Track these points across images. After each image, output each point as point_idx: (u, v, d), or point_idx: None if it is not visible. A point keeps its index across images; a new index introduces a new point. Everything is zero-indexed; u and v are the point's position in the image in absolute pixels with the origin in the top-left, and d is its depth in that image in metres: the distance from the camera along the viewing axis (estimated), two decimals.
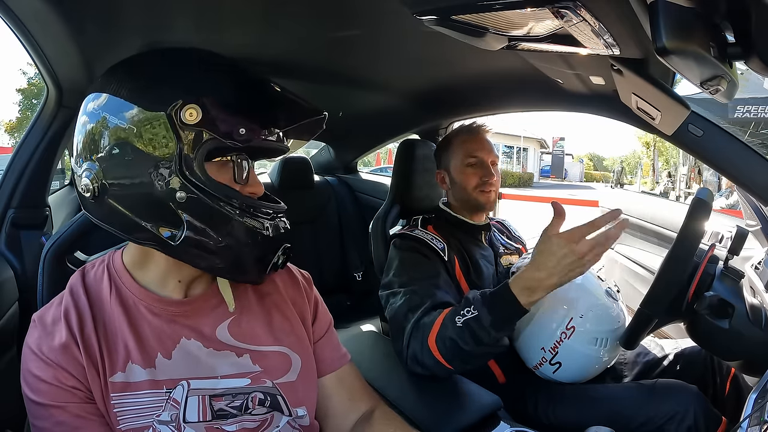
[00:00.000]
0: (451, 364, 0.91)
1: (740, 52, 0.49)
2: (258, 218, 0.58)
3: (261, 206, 0.59)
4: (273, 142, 0.60)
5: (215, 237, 0.55)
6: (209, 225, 0.55)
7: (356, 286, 2.00)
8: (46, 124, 1.17)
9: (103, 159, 0.54)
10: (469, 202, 1.20)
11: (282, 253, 0.61)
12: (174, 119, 0.52)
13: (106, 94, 0.55)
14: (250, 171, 0.60)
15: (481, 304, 0.88)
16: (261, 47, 1.06)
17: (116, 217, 0.56)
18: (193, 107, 0.52)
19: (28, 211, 1.19)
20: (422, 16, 0.64)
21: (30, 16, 0.89)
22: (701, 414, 0.91)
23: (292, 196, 1.88)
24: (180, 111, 0.52)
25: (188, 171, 0.53)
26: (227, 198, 0.55)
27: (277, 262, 0.61)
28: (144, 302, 0.60)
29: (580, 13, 0.53)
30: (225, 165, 0.58)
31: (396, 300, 1.03)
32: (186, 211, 0.54)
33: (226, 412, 0.59)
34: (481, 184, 1.18)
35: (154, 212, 0.55)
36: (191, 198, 0.54)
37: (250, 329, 0.64)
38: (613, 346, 1.03)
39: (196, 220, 0.55)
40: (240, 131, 0.53)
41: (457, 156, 1.22)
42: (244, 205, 0.56)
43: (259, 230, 0.58)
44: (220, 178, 0.57)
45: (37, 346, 0.55)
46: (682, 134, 0.87)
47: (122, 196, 0.55)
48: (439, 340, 0.90)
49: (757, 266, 1.13)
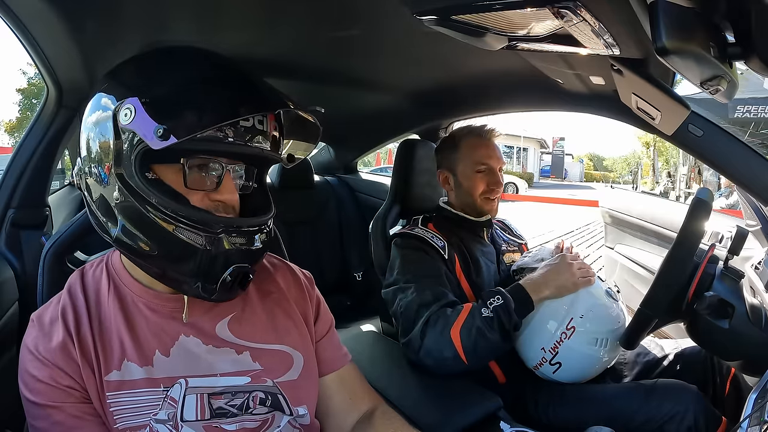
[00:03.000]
0: (468, 357, 0.95)
1: (740, 52, 0.49)
2: (199, 232, 0.53)
3: (209, 220, 0.53)
4: (223, 143, 0.53)
5: (148, 243, 0.53)
6: (140, 230, 0.53)
7: (356, 286, 1.99)
8: (46, 124, 1.17)
9: (81, 154, 0.57)
10: (472, 206, 1.20)
11: (231, 274, 0.55)
12: (116, 118, 0.52)
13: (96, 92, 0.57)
14: (223, 176, 0.56)
15: (505, 292, 0.99)
16: (260, 47, 1.06)
17: (92, 213, 0.59)
18: (129, 107, 0.50)
19: (28, 211, 1.19)
20: (422, 16, 0.64)
21: (30, 16, 0.89)
22: (701, 414, 0.91)
23: (292, 196, 1.89)
24: (120, 109, 0.51)
25: (125, 172, 0.52)
26: (162, 206, 0.52)
27: (225, 281, 0.55)
28: (142, 299, 0.60)
29: (580, 13, 0.53)
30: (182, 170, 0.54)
31: (406, 296, 1.04)
32: (121, 213, 0.54)
33: (225, 410, 0.59)
34: (488, 191, 1.19)
35: (104, 210, 0.56)
36: (125, 199, 0.53)
37: (251, 327, 0.64)
38: (613, 347, 1.03)
39: (129, 223, 0.54)
40: (159, 131, 0.47)
41: (466, 160, 1.20)
42: (182, 215, 0.52)
43: (197, 245, 0.53)
44: (173, 182, 0.54)
45: (34, 345, 0.55)
46: (682, 134, 0.87)
47: (89, 192, 0.57)
48: (464, 330, 0.95)
49: (757, 266, 1.13)
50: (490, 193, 1.19)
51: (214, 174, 0.56)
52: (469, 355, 0.95)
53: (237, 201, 0.58)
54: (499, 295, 0.99)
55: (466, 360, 0.95)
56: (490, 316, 0.96)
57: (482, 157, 1.19)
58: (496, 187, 1.19)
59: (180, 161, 0.54)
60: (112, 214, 0.55)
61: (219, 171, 0.56)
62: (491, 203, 1.20)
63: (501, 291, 1.00)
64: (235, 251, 0.55)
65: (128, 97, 0.51)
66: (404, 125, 1.79)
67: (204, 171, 0.56)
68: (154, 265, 0.56)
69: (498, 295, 0.98)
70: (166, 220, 0.52)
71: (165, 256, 0.54)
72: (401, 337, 1.04)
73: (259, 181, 0.64)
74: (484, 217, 1.21)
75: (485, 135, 1.22)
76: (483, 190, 1.19)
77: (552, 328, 1.02)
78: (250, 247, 0.57)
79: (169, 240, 0.53)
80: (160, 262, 0.55)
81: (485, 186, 1.19)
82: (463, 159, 1.21)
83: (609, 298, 1.07)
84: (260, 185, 0.65)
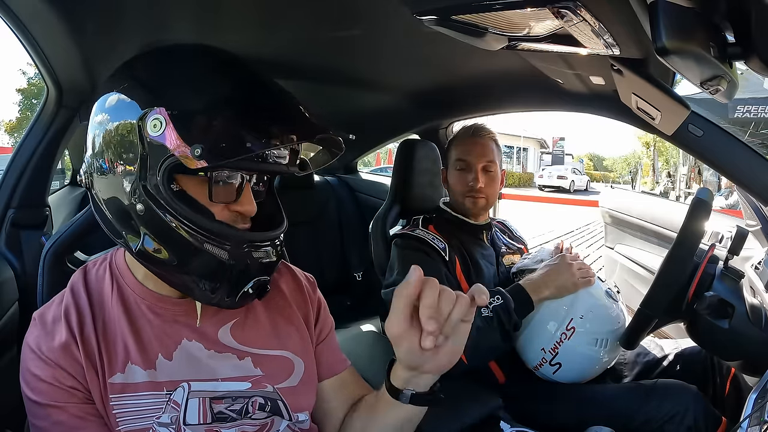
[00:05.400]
0: (468, 357, 0.94)
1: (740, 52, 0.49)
2: (225, 246, 0.52)
3: (234, 235, 0.54)
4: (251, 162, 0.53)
5: (171, 256, 0.53)
6: (164, 243, 0.52)
7: (356, 286, 1.99)
8: (46, 124, 1.17)
9: (94, 151, 0.56)
10: (460, 206, 1.20)
11: (252, 286, 0.55)
12: (142, 128, 0.50)
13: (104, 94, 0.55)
14: (243, 188, 0.56)
15: (505, 292, 1.00)
16: (260, 47, 1.06)
17: (101, 215, 0.58)
18: (158, 118, 0.49)
19: (28, 211, 1.19)
20: (422, 16, 0.64)
21: (30, 16, 0.89)
22: (701, 414, 0.91)
23: (292, 196, 1.89)
24: (147, 119, 0.49)
25: (150, 184, 0.51)
26: (189, 220, 0.51)
27: (246, 292, 0.56)
28: (146, 301, 0.60)
29: (580, 13, 0.53)
30: (205, 181, 0.53)
31: None
32: (145, 226, 0.53)
33: (225, 415, 0.59)
34: (468, 189, 1.17)
35: (122, 219, 0.55)
36: (149, 212, 0.52)
37: (253, 333, 0.64)
38: (613, 347, 1.03)
39: (153, 235, 0.53)
40: (196, 151, 0.46)
41: (451, 157, 1.22)
42: (209, 230, 0.52)
43: (223, 259, 0.53)
44: (197, 194, 0.54)
45: (36, 345, 0.55)
46: (682, 134, 0.87)
47: (103, 197, 0.56)
48: None
49: (757, 266, 1.13)
50: (470, 192, 1.16)
51: (234, 184, 0.56)
52: (469, 355, 0.95)
53: (254, 212, 0.58)
54: (499, 295, 0.99)
55: (466, 360, 0.95)
56: (490, 315, 0.96)
57: (461, 153, 1.19)
58: (474, 184, 1.15)
59: (205, 174, 0.53)
60: (134, 225, 0.54)
61: (239, 182, 0.56)
62: (473, 201, 1.17)
63: (501, 291, 1.00)
64: (256, 264, 0.55)
65: (154, 107, 0.50)
66: (404, 125, 1.79)
67: (224, 182, 0.55)
68: (175, 275, 0.55)
69: (498, 295, 0.98)
70: (193, 235, 0.52)
71: (189, 268, 0.54)
72: None
73: (268, 189, 0.64)
74: (479, 215, 1.21)
75: (470, 132, 1.21)
76: (462, 188, 1.17)
77: (552, 328, 1.02)
78: (271, 260, 0.57)
79: (194, 254, 0.52)
80: (182, 273, 0.54)
81: (465, 184, 1.17)
82: (450, 156, 1.23)
83: (609, 298, 1.07)
84: (270, 193, 0.65)
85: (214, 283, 0.54)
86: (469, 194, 1.17)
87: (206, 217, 0.53)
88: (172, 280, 0.56)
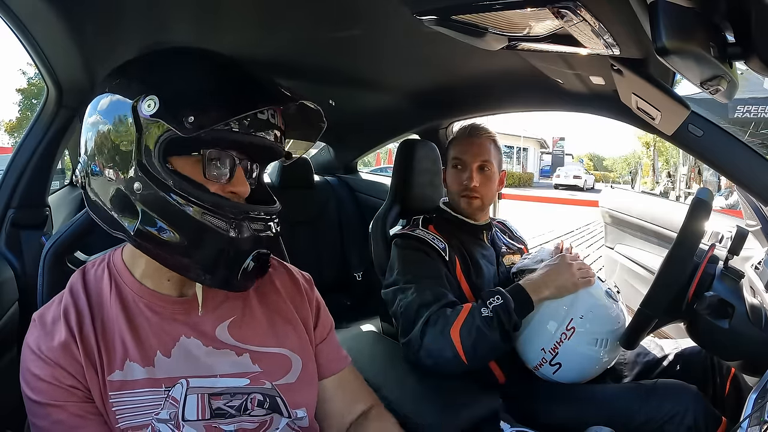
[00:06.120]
0: (467, 357, 0.95)
1: (740, 52, 0.49)
2: (223, 218, 0.54)
3: (230, 206, 0.56)
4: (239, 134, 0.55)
5: (171, 233, 0.54)
6: (165, 219, 0.54)
7: (356, 286, 2.00)
8: (46, 124, 1.17)
9: (86, 152, 0.57)
10: (456, 206, 1.20)
11: (253, 259, 0.57)
12: (137, 110, 0.53)
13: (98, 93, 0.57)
14: (236, 169, 0.58)
15: (505, 292, 0.99)
16: (260, 48, 1.06)
17: (98, 209, 0.58)
18: (152, 98, 0.52)
19: (28, 211, 1.19)
20: (422, 16, 0.64)
21: (30, 16, 0.89)
22: (701, 414, 0.91)
23: (292, 196, 1.89)
24: (141, 102, 0.52)
25: (147, 162, 0.53)
26: (186, 193, 0.53)
27: (246, 268, 0.57)
28: (144, 299, 0.60)
29: (580, 13, 0.53)
30: (198, 161, 0.56)
31: (406, 296, 1.04)
32: (143, 204, 0.54)
33: (224, 411, 0.59)
34: (463, 188, 1.17)
35: (119, 203, 0.56)
36: (147, 190, 0.54)
37: (251, 331, 0.64)
38: (613, 347, 1.03)
39: (152, 212, 0.54)
40: (189, 119, 0.50)
41: (448, 157, 1.23)
42: (206, 202, 0.54)
43: (221, 230, 0.54)
44: (192, 173, 0.56)
45: (36, 345, 0.56)
46: (682, 134, 0.87)
47: (98, 187, 0.57)
48: (464, 329, 0.95)
49: (757, 266, 1.13)
50: (465, 191, 1.16)
51: (227, 167, 0.58)
52: (469, 354, 0.95)
53: (248, 193, 0.60)
54: (498, 295, 0.99)
55: (466, 360, 0.95)
56: (490, 315, 0.96)
57: (458, 152, 1.19)
58: (468, 183, 1.15)
59: (198, 152, 0.56)
60: (131, 207, 0.55)
61: (231, 164, 0.58)
62: (467, 201, 1.17)
63: (501, 291, 1.00)
64: (255, 237, 0.57)
65: (146, 93, 0.52)
66: (404, 125, 1.79)
67: (218, 163, 0.57)
68: (175, 254, 0.55)
69: (498, 295, 0.98)
70: (191, 206, 0.54)
71: (189, 243, 0.55)
72: (401, 337, 1.04)
73: (258, 178, 0.66)
74: (479, 215, 1.21)
75: (467, 131, 1.21)
76: (457, 188, 1.18)
77: (552, 328, 1.02)
78: (269, 234, 0.59)
79: (194, 226, 0.54)
80: (183, 250, 0.55)
81: (460, 184, 1.17)
82: (448, 156, 1.23)
83: (609, 298, 1.06)
84: (259, 182, 0.66)
85: (214, 258, 0.55)
86: (464, 194, 1.17)
87: (203, 191, 0.55)
88: (171, 261, 0.56)
